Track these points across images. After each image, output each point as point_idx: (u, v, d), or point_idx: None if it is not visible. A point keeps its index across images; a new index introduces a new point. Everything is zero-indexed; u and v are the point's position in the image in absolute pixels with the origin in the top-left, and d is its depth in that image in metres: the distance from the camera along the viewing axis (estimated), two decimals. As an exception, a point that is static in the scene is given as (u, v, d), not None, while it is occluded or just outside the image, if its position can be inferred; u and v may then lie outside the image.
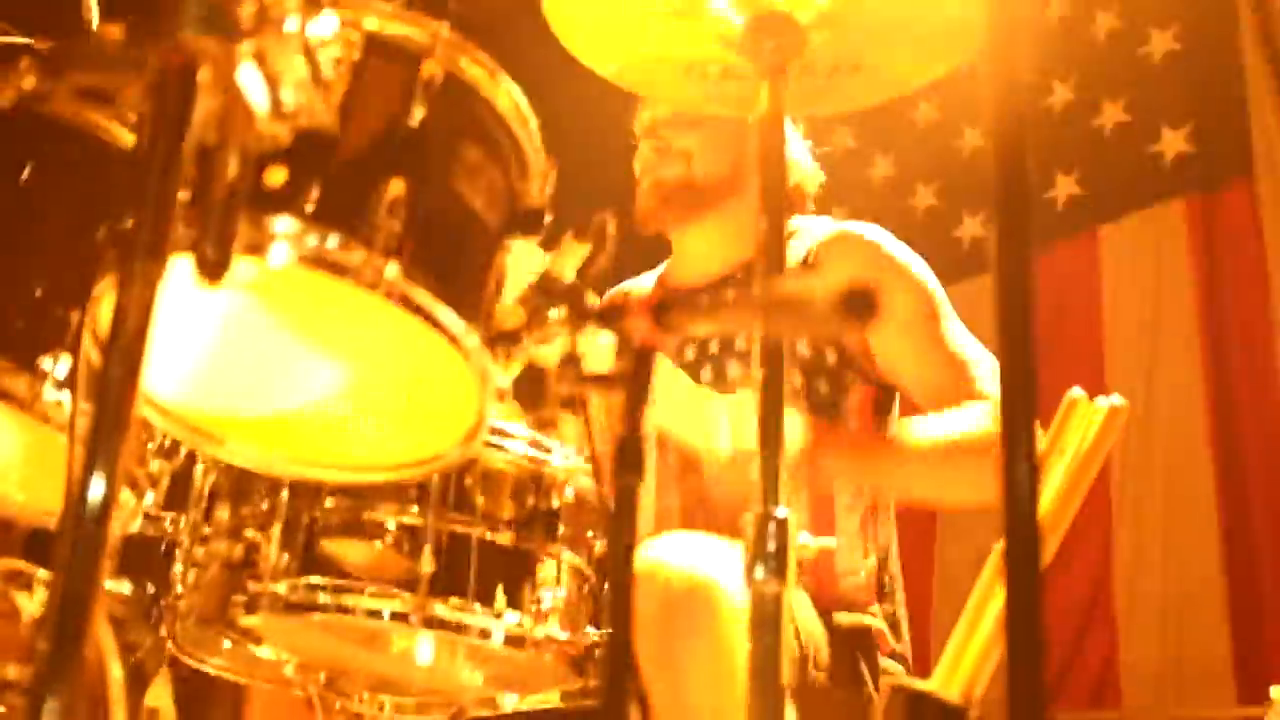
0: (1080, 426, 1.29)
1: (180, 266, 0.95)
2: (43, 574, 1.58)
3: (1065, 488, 1.26)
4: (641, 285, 2.33)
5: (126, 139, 1.29)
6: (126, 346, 0.86)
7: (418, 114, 1.13)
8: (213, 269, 0.93)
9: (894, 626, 1.98)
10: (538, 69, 1.62)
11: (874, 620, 1.95)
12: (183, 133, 0.87)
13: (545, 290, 1.22)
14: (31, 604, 1.55)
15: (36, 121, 1.25)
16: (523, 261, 1.26)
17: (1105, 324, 4.70)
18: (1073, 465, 1.27)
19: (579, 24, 1.45)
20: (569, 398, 1.02)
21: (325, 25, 1.05)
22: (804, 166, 2.26)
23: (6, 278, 1.34)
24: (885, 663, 1.88)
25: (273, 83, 0.95)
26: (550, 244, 1.27)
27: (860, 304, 0.67)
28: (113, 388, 0.85)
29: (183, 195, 0.98)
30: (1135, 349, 4.63)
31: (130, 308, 0.86)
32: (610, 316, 1.03)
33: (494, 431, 1.44)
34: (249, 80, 0.93)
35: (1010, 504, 0.81)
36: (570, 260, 1.25)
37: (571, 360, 1.02)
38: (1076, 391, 1.35)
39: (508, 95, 1.21)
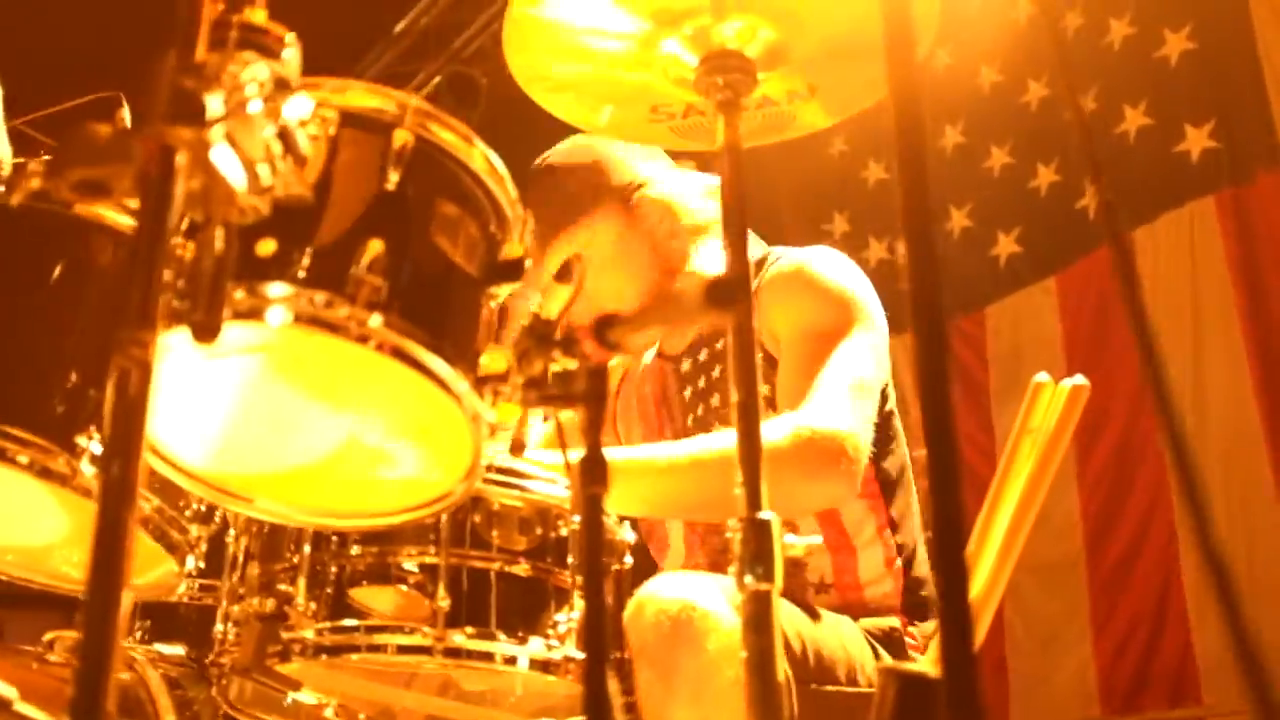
0: (1045, 408, 1.35)
1: (190, 344, 1.06)
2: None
3: (1036, 466, 1.32)
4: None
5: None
6: (128, 409, 0.94)
7: (393, 178, 1.23)
8: (205, 332, 1.03)
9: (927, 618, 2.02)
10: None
11: (896, 621, 1.99)
12: (166, 210, 0.96)
13: (535, 332, 1.30)
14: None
15: (55, 219, 1.37)
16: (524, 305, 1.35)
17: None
18: (1042, 444, 1.33)
19: (543, 79, 1.54)
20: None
21: (300, 106, 1.16)
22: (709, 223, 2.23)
23: (43, 365, 1.46)
24: (920, 659, 1.92)
25: (248, 161, 1.05)
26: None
27: (721, 294, 0.74)
28: (119, 447, 0.93)
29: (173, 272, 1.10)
30: (1179, 346, 4.63)
31: (129, 373, 0.94)
32: (571, 343, 1.11)
33: (501, 471, 1.52)
34: (225, 161, 1.02)
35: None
36: (556, 302, 1.34)
37: (535, 383, 1.10)
38: (1041, 376, 1.41)
39: (482, 156, 1.31)
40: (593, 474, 0.96)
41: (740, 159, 1.40)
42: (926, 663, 1.26)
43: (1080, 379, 1.38)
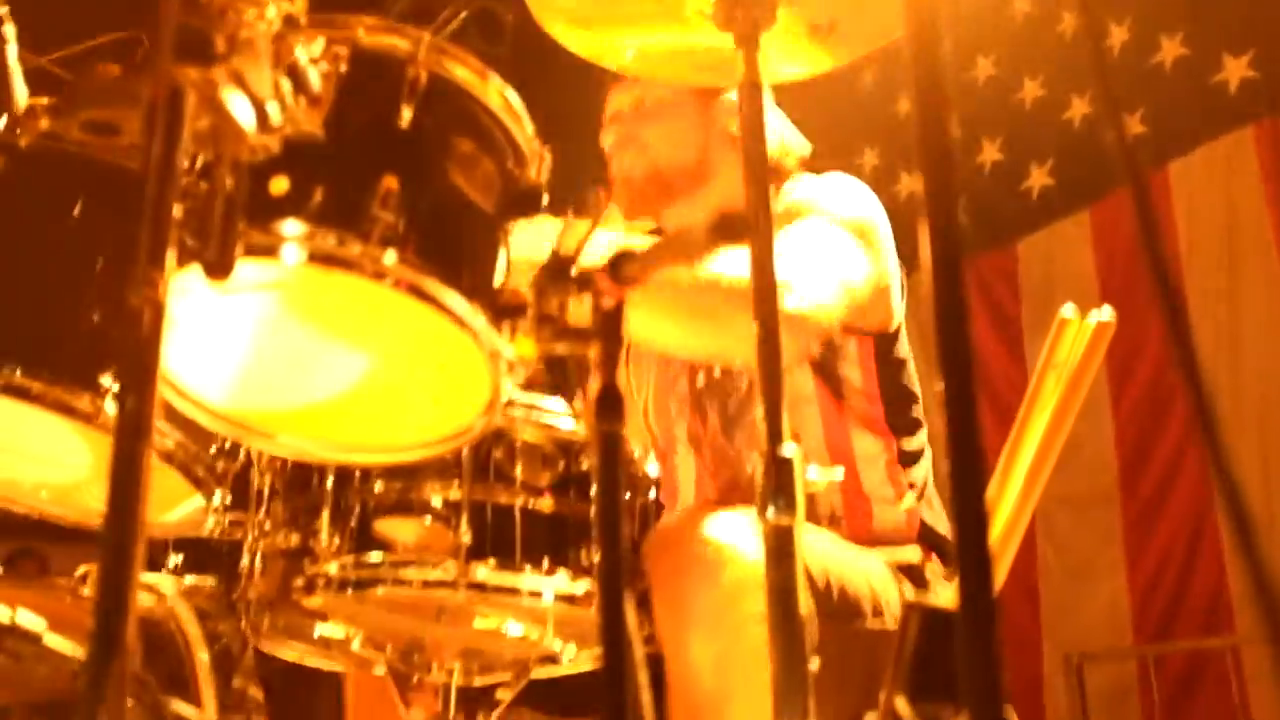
0: (1071, 342, 1.34)
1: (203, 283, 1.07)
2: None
3: (1061, 401, 1.31)
4: None
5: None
6: (142, 347, 0.95)
7: (406, 115, 1.23)
8: (218, 270, 1.04)
9: (945, 556, 2.02)
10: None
11: (916, 554, 1.99)
12: (174, 150, 0.96)
13: (554, 267, 1.30)
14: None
15: (72, 159, 1.37)
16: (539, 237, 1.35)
17: (1182, 257, 4.65)
18: (1066, 379, 1.32)
19: (562, 14, 1.53)
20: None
21: (311, 44, 1.16)
22: (779, 138, 2.27)
23: (65, 306, 1.47)
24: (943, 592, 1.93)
25: (256, 100, 1.04)
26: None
27: (728, 228, 0.73)
28: (133, 385, 0.94)
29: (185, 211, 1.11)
30: (1214, 278, 4.58)
31: (142, 312, 0.95)
32: (587, 281, 1.11)
33: (523, 406, 1.53)
34: (233, 100, 1.02)
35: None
36: (574, 237, 1.33)
37: (547, 319, 1.10)
38: (1067, 310, 1.39)
39: (497, 93, 1.30)
40: (608, 411, 0.96)
41: (760, 95, 1.38)
42: (950, 597, 1.26)
43: (1107, 313, 1.37)
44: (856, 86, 5.44)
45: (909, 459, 2.10)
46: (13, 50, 1.72)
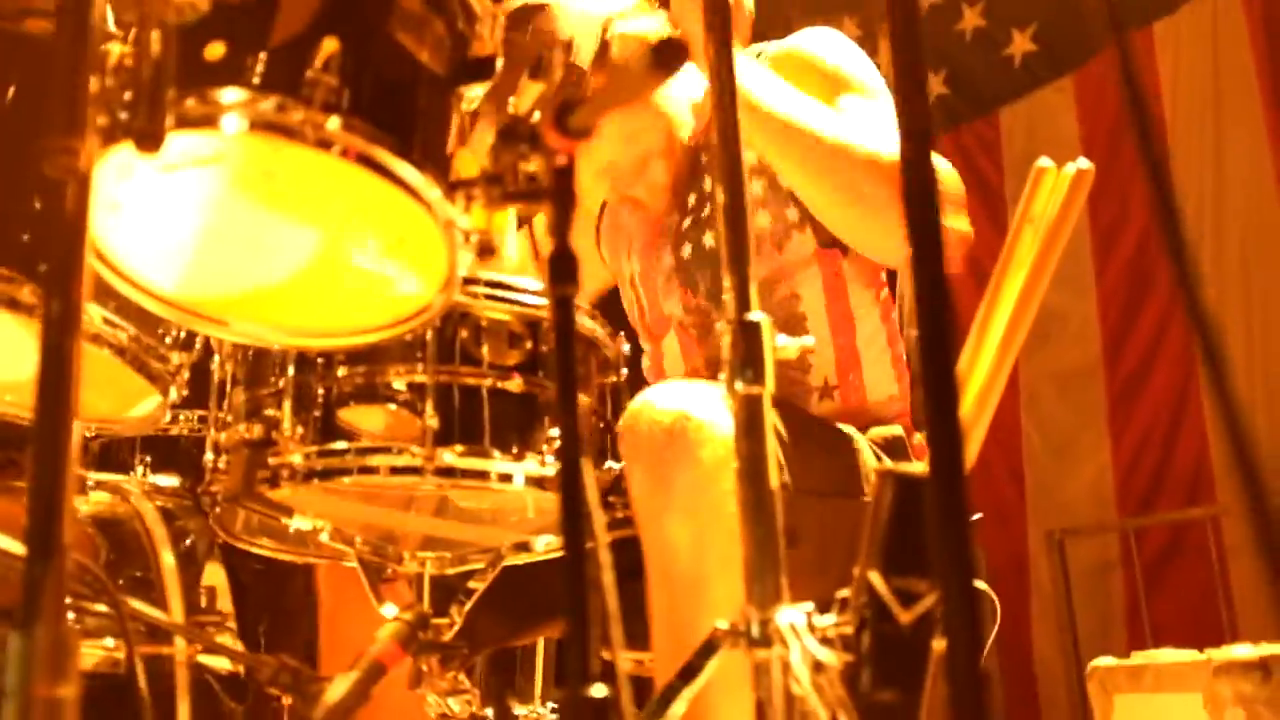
0: (1048, 194, 1.28)
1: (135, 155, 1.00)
2: (94, 476, 1.66)
3: (1038, 256, 1.26)
4: None
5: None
6: (69, 223, 0.89)
7: (346, -31, 1.15)
8: (148, 140, 0.97)
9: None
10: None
11: (900, 429, 1.97)
12: (86, 9, 0.89)
13: (511, 132, 1.23)
14: (86, 505, 1.64)
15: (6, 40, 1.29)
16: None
17: (1168, 117, 4.57)
18: (1043, 232, 1.26)
19: None
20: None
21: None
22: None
23: (3, 192, 1.40)
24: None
25: (178, -47, 0.97)
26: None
27: (668, 53, 0.67)
28: (60, 265, 0.88)
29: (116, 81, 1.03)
30: (1199, 139, 4.52)
31: (63, 186, 0.88)
32: (537, 139, 1.05)
33: (488, 284, 1.47)
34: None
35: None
36: (528, 99, 1.26)
37: (497, 181, 1.04)
38: (1044, 161, 1.33)
39: (444, -53, 1.21)
40: (561, 274, 0.90)
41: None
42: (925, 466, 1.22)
43: (1084, 162, 1.31)
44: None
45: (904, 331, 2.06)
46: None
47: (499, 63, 1.27)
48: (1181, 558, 4.35)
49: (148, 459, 2.04)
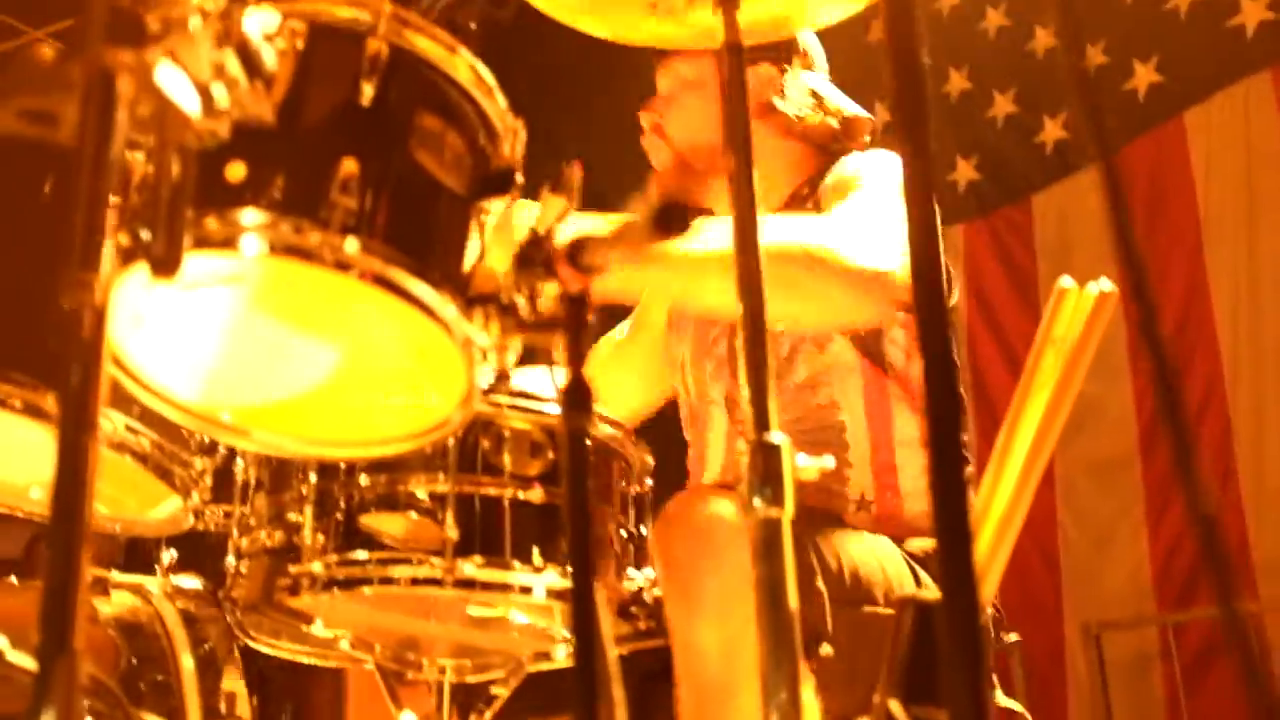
0: (1070, 315, 1.27)
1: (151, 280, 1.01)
2: (117, 577, 1.66)
3: (1061, 378, 1.24)
4: None
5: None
6: (83, 354, 0.89)
7: (367, 92, 1.16)
8: (164, 266, 0.98)
9: None
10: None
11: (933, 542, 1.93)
12: (107, 141, 0.90)
13: (533, 246, 1.23)
14: (109, 607, 1.64)
15: (23, 148, 1.31)
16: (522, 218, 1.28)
17: (1200, 207, 4.55)
18: (1066, 354, 1.25)
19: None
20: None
21: (264, 19, 1.09)
22: (814, 110, 2.20)
23: (31, 301, 1.41)
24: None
25: (199, 83, 0.98)
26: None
27: (668, 220, 0.67)
28: (74, 390, 0.88)
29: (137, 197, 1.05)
30: (1233, 228, 4.49)
31: (80, 313, 0.89)
32: (553, 267, 1.05)
33: (511, 393, 1.47)
34: (174, 83, 0.96)
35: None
36: (551, 214, 1.27)
37: (510, 309, 1.04)
38: (1065, 281, 1.32)
39: (466, 66, 1.23)
40: (576, 405, 0.90)
41: (741, 58, 1.31)
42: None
43: (1106, 283, 1.29)
44: (933, 7, 5.26)
45: None
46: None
47: (519, 177, 1.28)
48: (1223, 654, 4.25)
49: (172, 551, 2.04)
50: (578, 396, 0.90)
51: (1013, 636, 2.15)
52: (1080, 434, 4.46)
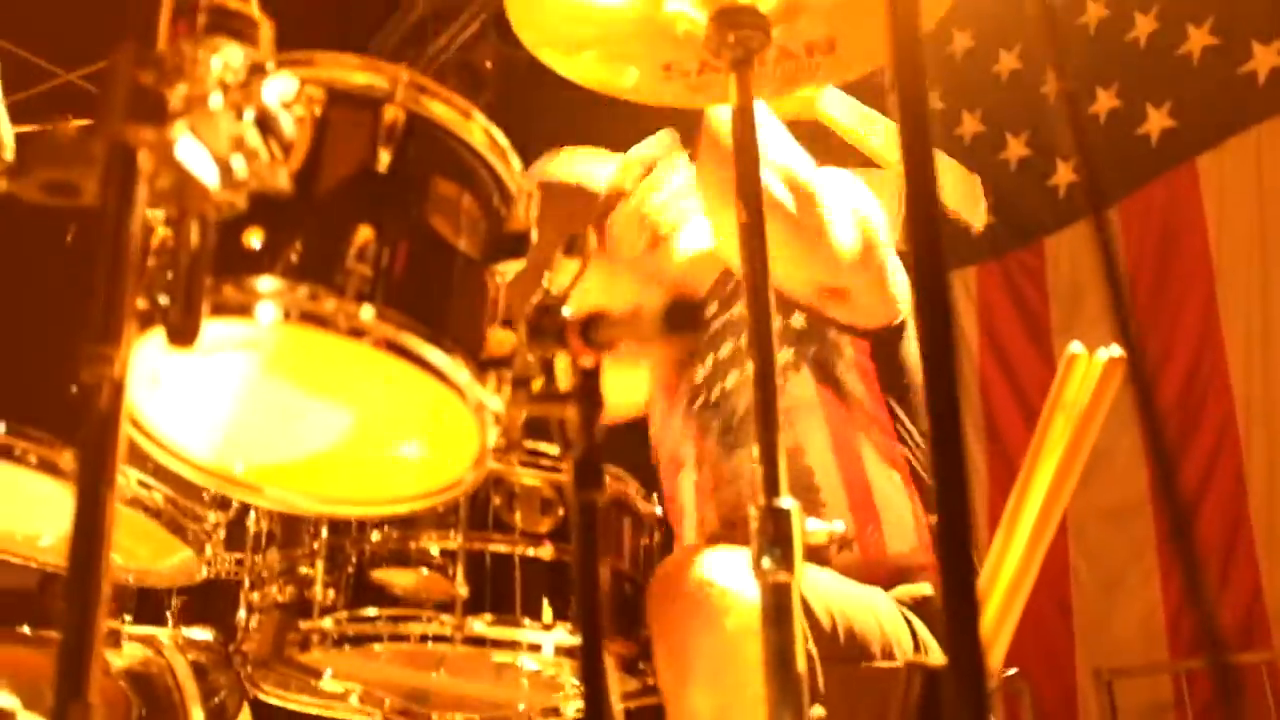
0: (1080, 381, 1.27)
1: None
2: (129, 629, 1.67)
3: (1071, 444, 1.25)
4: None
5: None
6: (100, 425, 0.91)
7: (384, 158, 1.18)
8: (181, 336, 0.99)
9: None
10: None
11: (929, 588, 1.90)
12: (128, 216, 0.92)
13: (545, 314, 1.25)
14: (120, 659, 1.65)
15: (43, 212, 1.33)
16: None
17: (1212, 252, 4.56)
18: (1076, 420, 1.25)
19: (550, 37, 1.48)
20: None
21: (283, 87, 1.11)
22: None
23: (53, 359, 1.43)
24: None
25: (219, 156, 0.99)
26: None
27: (678, 320, 0.68)
28: (92, 458, 0.89)
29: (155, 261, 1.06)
30: (1246, 273, 4.49)
31: (99, 385, 0.90)
32: (564, 338, 1.06)
33: (520, 450, 1.48)
34: (194, 157, 0.97)
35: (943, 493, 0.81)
36: (565, 277, 1.28)
37: (521, 382, 1.05)
38: (1075, 347, 1.33)
39: (481, 130, 1.25)
40: (587, 479, 0.91)
41: (753, 121, 1.33)
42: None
43: (1116, 350, 1.30)
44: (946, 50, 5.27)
45: (922, 479, 2.00)
46: (-3, 92, 1.68)
47: (533, 236, 1.29)
48: (1235, 702, 4.21)
49: (184, 597, 2.05)
50: (589, 470, 0.91)
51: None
52: (1092, 479, 4.43)
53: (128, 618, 1.85)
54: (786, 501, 1.16)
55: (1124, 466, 4.58)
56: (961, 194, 1.98)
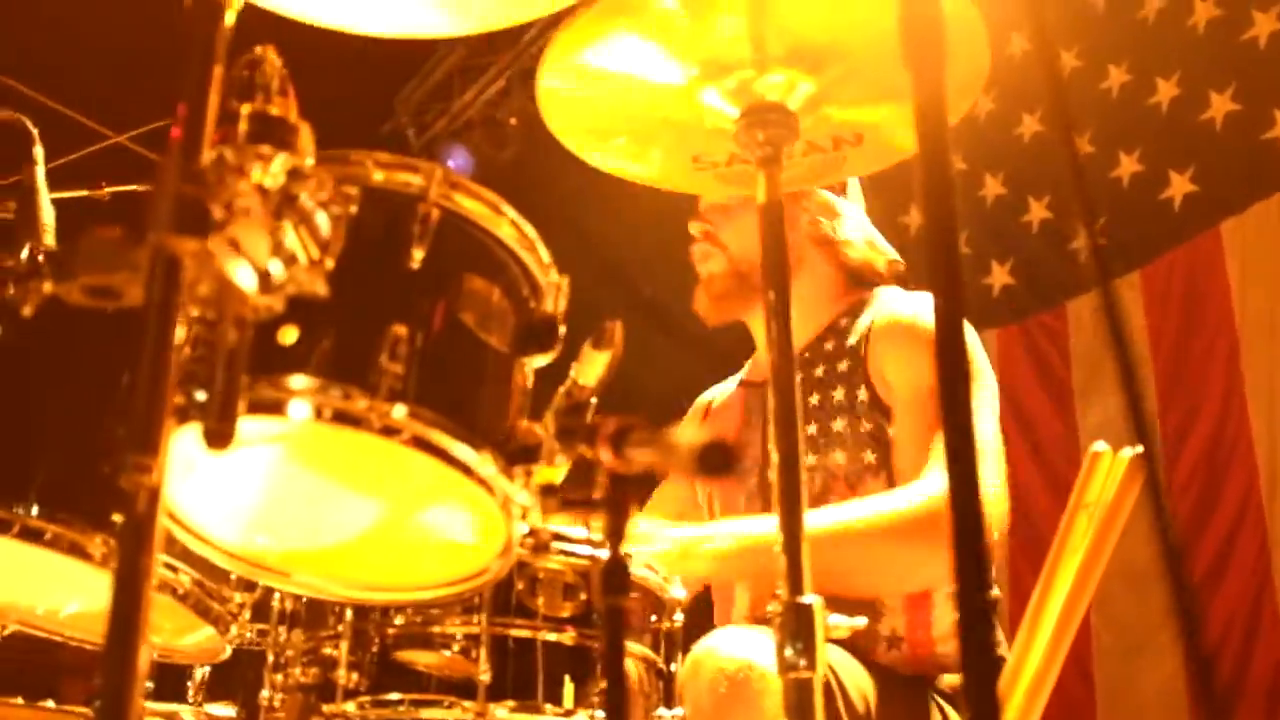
0: (1103, 479, 1.28)
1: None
2: (152, 705, 1.68)
3: (1093, 542, 1.25)
4: (726, 388, 2.38)
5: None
6: (137, 527, 0.92)
7: (417, 255, 1.20)
8: (217, 439, 1.01)
9: None
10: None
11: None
12: (169, 324, 0.94)
13: (572, 399, 1.26)
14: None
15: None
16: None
17: (1236, 316, 4.55)
18: (1099, 518, 1.26)
19: (581, 130, 1.51)
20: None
21: (320, 188, 1.13)
22: (865, 245, 2.25)
23: (85, 443, 1.45)
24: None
25: (257, 262, 1.02)
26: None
27: (714, 461, 0.70)
28: (127, 568, 0.91)
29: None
30: (1269, 338, 4.48)
31: (135, 493, 0.92)
32: (594, 439, 1.07)
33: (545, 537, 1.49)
34: (234, 265, 0.99)
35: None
36: (593, 369, 1.29)
37: (550, 489, 1.06)
38: (1099, 446, 1.33)
39: (510, 224, 1.26)
40: (615, 585, 0.92)
41: (780, 216, 1.35)
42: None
43: (1139, 448, 1.30)
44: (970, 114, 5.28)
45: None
46: (40, 172, 1.71)
47: (562, 330, 1.31)
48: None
49: (206, 672, 2.06)
50: (617, 577, 0.92)
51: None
52: (1115, 546, 4.42)
53: (149, 688, 1.86)
54: (809, 597, 1.17)
55: (1147, 532, 4.54)
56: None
